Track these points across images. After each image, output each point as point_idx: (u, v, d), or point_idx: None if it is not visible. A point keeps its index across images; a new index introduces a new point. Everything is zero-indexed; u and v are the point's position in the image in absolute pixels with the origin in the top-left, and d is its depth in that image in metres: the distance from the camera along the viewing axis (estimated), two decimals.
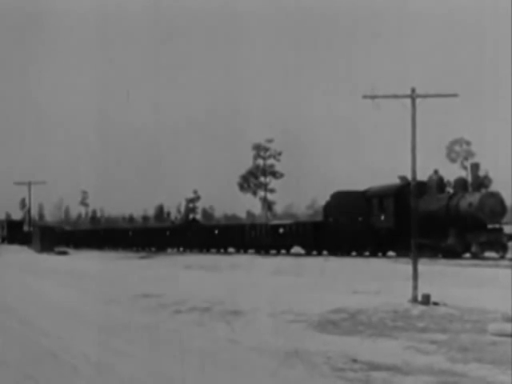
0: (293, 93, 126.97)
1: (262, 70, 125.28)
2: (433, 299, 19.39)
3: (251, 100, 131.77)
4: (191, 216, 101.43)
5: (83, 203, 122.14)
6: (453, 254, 38.01)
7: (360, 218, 44.34)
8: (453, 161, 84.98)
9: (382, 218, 42.88)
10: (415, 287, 20.20)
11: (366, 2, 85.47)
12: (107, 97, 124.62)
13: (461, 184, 40.58)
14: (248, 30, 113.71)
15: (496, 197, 38.93)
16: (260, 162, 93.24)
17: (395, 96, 21.84)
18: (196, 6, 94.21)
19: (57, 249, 65.91)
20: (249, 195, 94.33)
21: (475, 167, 40.90)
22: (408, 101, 21.59)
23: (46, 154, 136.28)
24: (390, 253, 42.32)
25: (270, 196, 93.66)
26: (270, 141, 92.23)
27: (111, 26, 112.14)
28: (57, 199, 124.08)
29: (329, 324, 17.15)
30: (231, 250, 55.65)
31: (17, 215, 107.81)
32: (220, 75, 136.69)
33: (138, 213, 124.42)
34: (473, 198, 38.74)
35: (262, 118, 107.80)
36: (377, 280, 26.50)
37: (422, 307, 18.82)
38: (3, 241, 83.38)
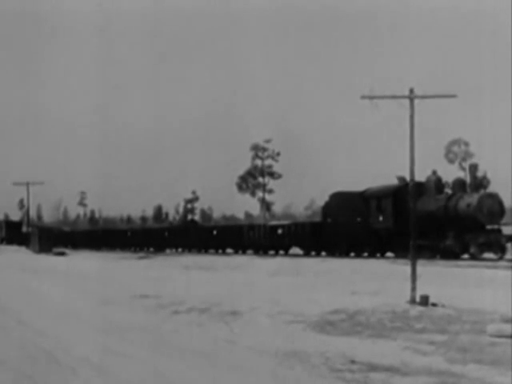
0: (291, 93, 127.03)
1: (260, 71, 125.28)
2: (431, 300, 19.38)
3: (249, 100, 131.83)
4: (189, 217, 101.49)
5: (81, 204, 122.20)
6: (451, 254, 37.99)
7: (358, 219, 44.33)
8: (451, 161, 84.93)
9: (381, 218, 42.87)
10: (413, 288, 20.19)
11: (364, 2, 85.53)
12: (106, 98, 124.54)
13: (459, 185, 40.58)
14: (247, 31, 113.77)
15: (494, 198, 38.93)
16: (258, 162, 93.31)
17: (393, 96, 21.85)
18: (196, 6, 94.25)
19: (55, 249, 65.91)
20: (247, 196, 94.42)
21: (473, 168, 41.01)
22: (406, 101, 21.59)
23: (44, 154, 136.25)
24: (389, 253, 42.32)
25: (268, 196, 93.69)
26: (268, 141, 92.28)
27: (111, 27, 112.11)
28: (55, 200, 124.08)
29: (327, 325, 17.15)
30: (229, 250, 55.66)
31: (15, 216, 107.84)
32: (218, 75, 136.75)
33: (136, 213, 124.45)
34: (471, 198, 38.74)
35: (260, 119, 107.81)
36: (375, 281, 26.50)
37: (420, 308, 18.81)
38: (2, 241, 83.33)
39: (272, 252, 51.12)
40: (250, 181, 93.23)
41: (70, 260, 52.86)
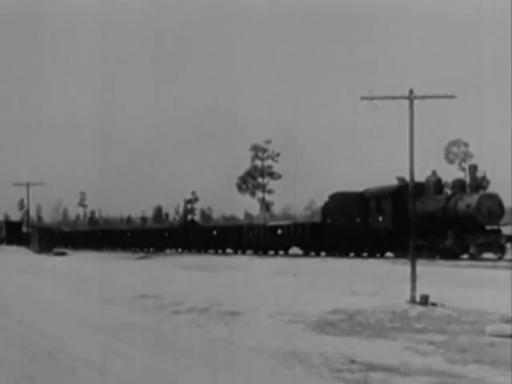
0: (291, 94, 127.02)
1: (260, 71, 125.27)
2: (431, 300, 19.40)
3: (249, 101, 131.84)
4: (189, 217, 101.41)
5: (81, 204, 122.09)
6: (451, 255, 37.99)
7: (358, 219, 44.32)
8: (451, 162, 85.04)
9: (380, 218, 42.87)
10: (413, 288, 20.21)
11: (364, 3, 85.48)
12: (106, 98, 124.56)
13: (459, 185, 40.57)
14: (247, 30, 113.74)
15: (494, 198, 38.93)
16: (258, 163, 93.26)
17: (393, 97, 21.87)
18: (195, 4, 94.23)
19: (55, 250, 65.88)
20: (247, 196, 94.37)
21: (473, 168, 40.90)
22: (406, 102, 21.61)
23: (44, 155, 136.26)
24: (388, 254, 42.32)
25: (267, 197, 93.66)
26: (268, 142, 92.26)
27: (110, 26, 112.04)
28: (55, 200, 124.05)
29: (327, 325, 17.16)
30: (229, 250, 55.65)
31: (15, 216, 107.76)
32: (218, 75, 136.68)
33: (136, 214, 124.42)
34: (471, 199, 38.75)
35: (260, 119, 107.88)
36: (375, 281, 26.49)
37: (420, 308, 18.83)
38: (2, 242, 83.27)
39: (272, 252, 51.13)
40: (250, 181, 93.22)
41: (70, 260, 52.83)
